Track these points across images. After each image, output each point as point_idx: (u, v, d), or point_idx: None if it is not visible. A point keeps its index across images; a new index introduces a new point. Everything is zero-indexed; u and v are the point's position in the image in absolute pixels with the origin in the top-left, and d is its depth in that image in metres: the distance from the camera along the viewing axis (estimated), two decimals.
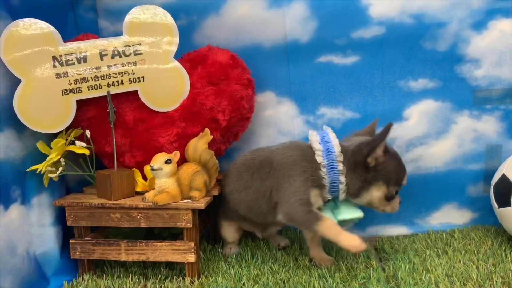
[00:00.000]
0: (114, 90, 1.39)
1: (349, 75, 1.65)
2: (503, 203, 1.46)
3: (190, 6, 1.63)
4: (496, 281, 1.28)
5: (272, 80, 1.68)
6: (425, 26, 1.57)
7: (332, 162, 1.34)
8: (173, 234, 1.55)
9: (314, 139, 1.39)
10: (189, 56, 1.54)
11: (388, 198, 1.38)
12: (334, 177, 1.34)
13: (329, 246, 1.56)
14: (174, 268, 1.48)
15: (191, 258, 1.37)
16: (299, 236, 1.69)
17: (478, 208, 1.68)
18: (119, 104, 1.43)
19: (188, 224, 1.35)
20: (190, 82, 1.45)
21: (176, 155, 1.35)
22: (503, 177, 1.46)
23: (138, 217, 1.36)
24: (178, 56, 1.53)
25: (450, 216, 1.70)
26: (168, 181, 1.33)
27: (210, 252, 1.59)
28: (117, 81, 1.39)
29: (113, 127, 1.39)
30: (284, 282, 1.36)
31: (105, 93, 1.38)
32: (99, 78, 1.37)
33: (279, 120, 1.70)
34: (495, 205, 1.50)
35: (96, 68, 1.37)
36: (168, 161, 1.32)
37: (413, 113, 1.64)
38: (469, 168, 1.65)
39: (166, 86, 1.42)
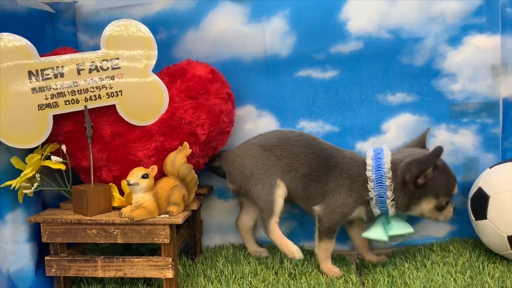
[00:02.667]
0: (91, 105, 1.38)
1: (328, 89, 1.66)
2: (479, 216, 1.47)
3: (170, 20, 1.64)
4: None
5: (253, 94, 1.69)
6: (402, 41, 1.60)
7: (381, 178, 1.40)
8: (151, 250, 1.53)
9: (369, 155, 1.46)
10: (168, 70, 1.54)
11: (439, 209, 1.44)
12: (381, 192, 1.41)
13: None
14: (152, 284, 1.46)
15: (169, 274, 1.35)
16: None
17: (456, 221, 1.68)
18: (96, 118, 1.42)
19: (166, 240, 1.33)
20: (169, 96, 1.44)
21: (153, 170, 1.34)
22: (479, 190, 1.48)
23: (115, 232, 1.35)
24: (158, 69, 1.54)
25: (429, 229, 1.70)
26: (145, 196, 1.32)
27: (190, 267, 1.57)
28: (95, 96, 1.38)
29: (90, 142, 1.38)
30: None
31: (82, 108, 1.37)
32: (76, 93, 1.36)
33: (259, 133, 1.70)
34: (472, 218, 1.52)
35: (73, 83, 1.35)
36: (145, 176, 1.31)
37: (391, 126, 1.66)
38: None
39: (144, 100, 1.42)
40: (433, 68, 1.61)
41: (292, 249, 1.45)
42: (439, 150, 1.36)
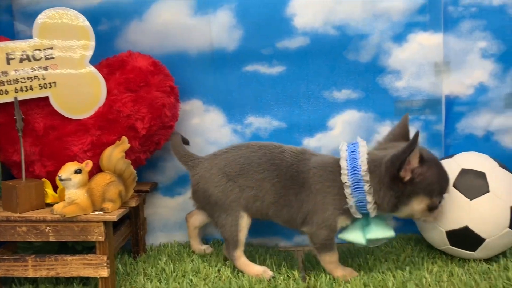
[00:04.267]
0: (22, 96, 1.31)
1: (275, 85, 1.65)
2: None
3: (112, 10, 1.58)
4: None
5: (199, 88, 1.65)
6: (348, 38, 1.60)
7: (358, 182, 1.28)
8: (88, 248, 1.47)
9: (343, 155, 1.33)
10: (108, 61, 1.49)
11: (431, 209, 1.31)
12: (360, 197, 1.29)
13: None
14: (89, 284, 1.41)
15: (104, 272, 1.30)
16: None
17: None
18: (28, 111, 1.35)
19: (100, 237, 1.28)
20: (107, 88, 1.39)
21: (87, 165, 1.29)
22: None
23: (47, 230, 1.29)
24: (98, 61, 1.49)
25: None
26: (78, 192, 1.27)
27: (131, 265, 1.53)
28: (26, 87, 1.31)
29: (21, 135, 1.32)
30: None
31: (12, 99, 1.30)
32: (5, 83, 1.29)
33: (206, 129, 1.67)
34: None
35: (2, 73, 1.29)
36: (78, 171, 1.26)
37: (337, 123, 1.66)
38: None
39: (80, 92, 1.37)
40: (378, 65, 1.62)
41: (259, 272, 1.41)
42: (415, 135, 1.21)
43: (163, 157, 1.67)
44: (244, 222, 1.42)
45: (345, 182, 1.30)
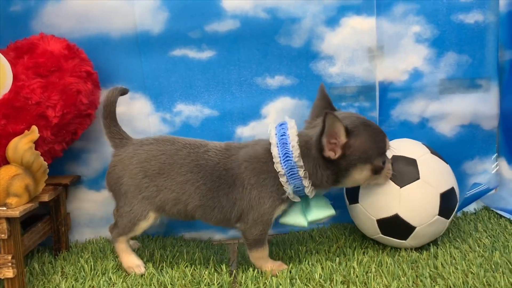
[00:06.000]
0: None
1: (205, 71, 1.57)
2: (352, 200, 1.45)
3: None
4: (336, 280, 1.25)
5: (123, 74, 1.56)
6: (280, 21, 1.53)
7: (292, 169, 1.22)
8: None
9: (273, 142, 1.25)
10: (16, 44, 1.38)
11: (377, 172, 1.26)
12: (296, 184, 1.24)
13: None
14: None
15: (9, 273, 1.20)
16: (155, 244, 1.58)
17: (337, 206, 1.63)
18: None
19: (3, 235, 1.18)
20: (13, 74, 1.28)
21: None
22: None
23: None
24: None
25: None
26: None
27: (49, 264, 1.43)
28: None
29: None
30: None
31: None
32: None
33: (132, 118, 1.58)
34: (347, 202, 1.50)
35: None
36: None
37: (271, 110, 1.59)
38: None
39: None
40: (311, 50, 1.56)
41: (131, 265, 1.35)
42: (324, 119, 1.16)
43: (87, 149, 1.58)
44: (145, 224, 1.33)
45: (279, 171, 1.24)
